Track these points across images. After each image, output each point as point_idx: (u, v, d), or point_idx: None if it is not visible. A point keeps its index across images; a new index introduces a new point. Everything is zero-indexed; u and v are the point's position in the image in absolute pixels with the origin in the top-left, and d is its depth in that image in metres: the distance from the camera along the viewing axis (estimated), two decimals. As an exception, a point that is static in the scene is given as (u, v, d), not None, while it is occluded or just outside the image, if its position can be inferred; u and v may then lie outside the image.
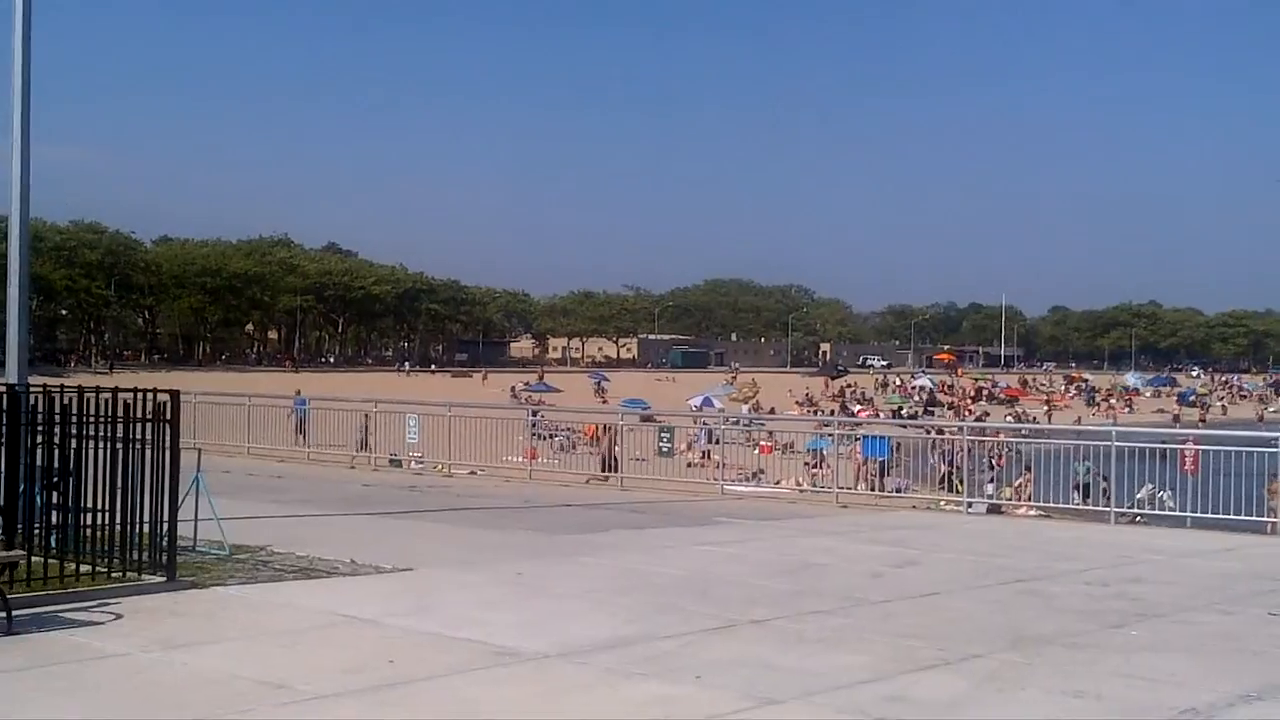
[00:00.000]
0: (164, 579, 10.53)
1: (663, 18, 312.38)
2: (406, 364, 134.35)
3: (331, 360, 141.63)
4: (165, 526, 10.49)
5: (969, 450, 24.87)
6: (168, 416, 10.42)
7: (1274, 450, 19.72)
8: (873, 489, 24.31)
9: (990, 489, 24.65)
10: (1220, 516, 19.21)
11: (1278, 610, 11.20)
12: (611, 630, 9.43)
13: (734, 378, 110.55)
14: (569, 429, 38.99)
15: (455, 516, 18.21)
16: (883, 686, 7.85)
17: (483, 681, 7.84)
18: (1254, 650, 9.36)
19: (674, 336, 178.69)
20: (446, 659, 8.38)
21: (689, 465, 28.70)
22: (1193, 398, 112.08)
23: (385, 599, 10.60)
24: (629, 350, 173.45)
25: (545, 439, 35.22)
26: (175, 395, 10.54)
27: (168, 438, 10.41)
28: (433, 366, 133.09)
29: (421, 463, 28.46)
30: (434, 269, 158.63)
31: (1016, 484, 24.84)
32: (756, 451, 31.80)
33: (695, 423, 38.05)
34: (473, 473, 26.86)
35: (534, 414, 33.99)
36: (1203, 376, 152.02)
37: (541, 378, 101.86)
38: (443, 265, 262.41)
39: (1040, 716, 7.29)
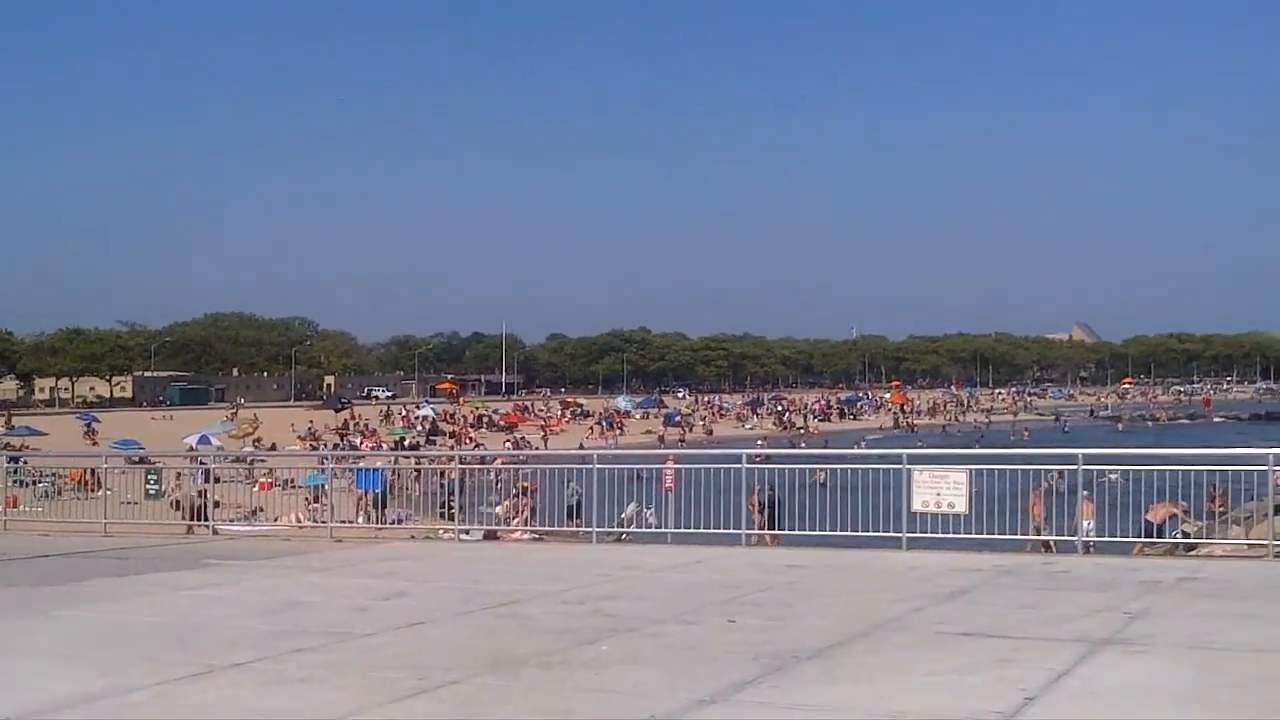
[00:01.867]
0: None
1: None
2: None
3: None
4: None
5: (464, 478, 25.41)
6: None
7: (750, 467, 21.21)
8: (370, 521, 24.41)
9: (486, 516, 25.27)
10: (697, 531, 20.40)
11: (735, 618, 12.06)
12: (81, 686, 9.05)
13: (234, 414, 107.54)
14: (55, 474, 36.92)
15: (-86, 576, 16.84)
16: (359, 720, 7.95)
17: (-69, 753, 7.39)
18: (712, 657, 10.01)
19: (172, 373, 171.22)
20: (-111, 733, 7.83)
21: (174, 507, 27.62)
22: (677, 418, 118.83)
23: None
24: (124, 389, 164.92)
25: (28, 485, 33.53)
26: None
27: None
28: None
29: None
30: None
31: (508, 508, 25.57)
32: (255, 489, 31.29)
33: (191, 461, 36.93)
34: (-63, 527, 24.99)
35: (13, 460, 32.26)
36: (688, 397, 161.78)
37: (9, 421, 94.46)
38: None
39: (511, 736, 7.58)
